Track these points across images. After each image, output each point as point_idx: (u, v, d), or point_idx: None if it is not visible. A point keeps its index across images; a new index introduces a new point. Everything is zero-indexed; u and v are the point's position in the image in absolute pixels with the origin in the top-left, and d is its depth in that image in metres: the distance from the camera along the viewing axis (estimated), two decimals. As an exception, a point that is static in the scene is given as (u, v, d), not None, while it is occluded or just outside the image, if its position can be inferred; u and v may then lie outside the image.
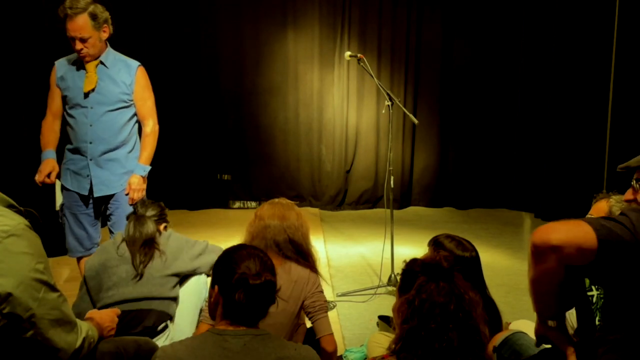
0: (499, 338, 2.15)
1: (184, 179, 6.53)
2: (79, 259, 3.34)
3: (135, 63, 3.26)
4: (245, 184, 6.79)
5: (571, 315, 2.27)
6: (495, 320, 2.31)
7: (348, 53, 4.20)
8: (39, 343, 1.50)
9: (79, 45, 3.03)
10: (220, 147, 6.66)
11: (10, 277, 1.43)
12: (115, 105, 3.16)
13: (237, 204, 6.78)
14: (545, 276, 1.54)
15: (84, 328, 1.66)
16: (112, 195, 3.25)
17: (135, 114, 3.28)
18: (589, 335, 1.67)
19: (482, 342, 1.55)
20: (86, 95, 3.12)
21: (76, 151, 3.20)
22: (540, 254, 1.50)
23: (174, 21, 6.38)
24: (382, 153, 6.89)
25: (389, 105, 3.99)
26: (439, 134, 7.08)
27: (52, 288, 1.53)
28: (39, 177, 3.10)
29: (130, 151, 3.28)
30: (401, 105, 4.14)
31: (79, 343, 1.61)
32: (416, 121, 4.07)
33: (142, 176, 3.24)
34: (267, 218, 2.41)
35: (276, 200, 2.54)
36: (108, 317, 1.96)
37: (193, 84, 6.50)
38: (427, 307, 1.53)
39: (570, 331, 1.82)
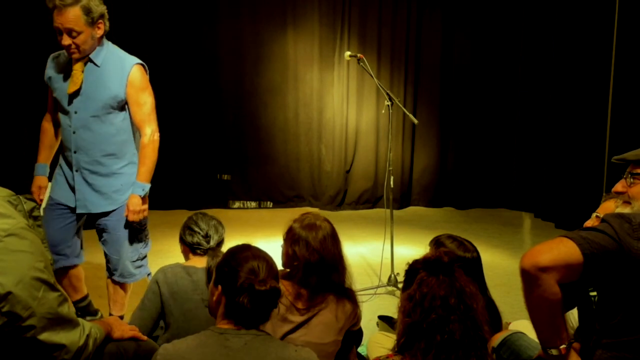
0: (497, 338, 2.15)
1: (183, 179, 6.52)
2: None
3: (131, 61, 2.79)
4: (245, 184, 6.79)
5: (571, 316, 2.28)
6: (495, 321, 2.31)
7: (348, 53, 4.20)
8: (40, 343, 1.50)
9: (66, 40, 2.59)
10: (220, 147, 6.65)
11: (10, 275, 1.43)
12: (103, 110, 2.74)
13: (236, 204, 6.77)
14: (544, 301, 1.50)
15: (87, 326, 1.66)
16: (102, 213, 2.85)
17: (130, 121, 2.85)
18: (590, 336, 1.66)
19: (484, 337, 1.55)
20: (70, 98, 2.73)
21: (65, 159, 2.86)
22: (532, 278, 1.49)
23: (174, 21, 6.37)
24: (382, 153, 6.89)
25: (388, 105, 3.99)
26: (439, 134, 7.09)
27: (52, 287, 1.53)
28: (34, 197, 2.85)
29: (125, 165, 2.85)
30: (401, 105, 4.14)
31: (82, 341, 1.60)
32: (416, 121, 4.07)
33: (140, 196, 2.80)
34: (312, 241, 2.18)
35: (312, 218, 2.27)
36: (125, 323, 1.98)
37: (193, 84, 6.50)
38: (428, 299, 1.53)
39: (571, 331, 1.81)
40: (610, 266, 1.50)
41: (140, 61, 2.83)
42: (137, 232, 2.93)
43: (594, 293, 1.91)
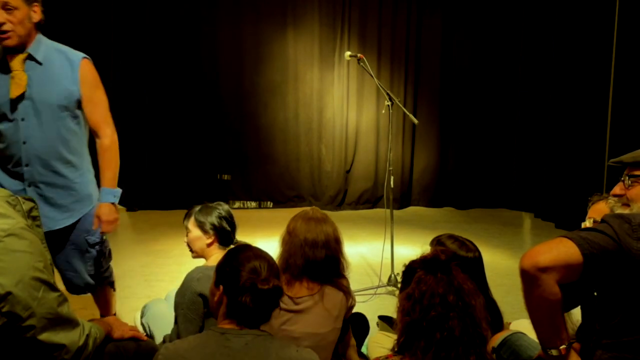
0: (498, 338, 2.15)
1: (183, 179, 6.52)
2: None
3: (78, 55, 2.45)
4: (245, 184, 6.79)
5: (571, 315, 2.27)
6: (496, 321, 2.31)
7: (348, 53, 4.19)
8: (40, 343, 1.50)
9: (0, 17, 2.24)
10: (220, 147, 6.66)
11: (10, 275, 1.43)
12: (56, 113, 2.39)
13: (237, 204, 6.78)
14: (543, 301, 1.50)
15: (87, 326, 1.66)
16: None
17: (84, 122, 2.51)
18: (590, 336, 1.66)
19: (483, 335, 1.55)
20: (14, 103, 2.32)
21: (10, 174, 2.43)
22: (532, 279, 1.49)
23: (174, 21, 6.37)
24: (382, 153, 6.89)
25: (388, 105, 3.99)
26: (439, 134, 7.09)
27: (52, 287, 1.53)
28: None
29: (83, 174, 2.54)
30: (401, 105, 4.13)
31: (82, 341, 1.60)
32: (416, 121, 4.06)
33: (112, 203, 2.50)
34: (302, 235, 2.26)
35: (310, 213, 2.35)
36: (125, 324, 1.99)
37: (193, 83, 6.50)
38: (427, 297, 1.53)
39: (571, 332, 1.81)
40: (610, 266, 1.50)
41: (85, 55, 2.49)
42: (96, 244, 2.61)
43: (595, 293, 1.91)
